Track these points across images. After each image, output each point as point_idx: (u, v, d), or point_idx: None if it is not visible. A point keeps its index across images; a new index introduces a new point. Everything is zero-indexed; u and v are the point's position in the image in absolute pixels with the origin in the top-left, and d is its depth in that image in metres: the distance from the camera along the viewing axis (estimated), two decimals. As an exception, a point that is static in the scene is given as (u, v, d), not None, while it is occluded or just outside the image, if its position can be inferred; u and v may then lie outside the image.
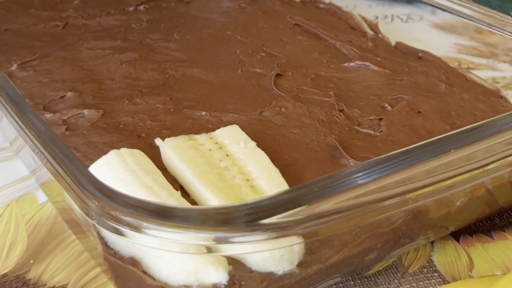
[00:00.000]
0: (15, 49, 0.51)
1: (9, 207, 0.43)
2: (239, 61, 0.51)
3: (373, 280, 0.39)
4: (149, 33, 0.54)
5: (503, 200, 0.42)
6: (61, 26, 0.55)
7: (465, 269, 0.40)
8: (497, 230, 0.43)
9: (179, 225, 0.27)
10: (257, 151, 0.38)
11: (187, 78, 0.48)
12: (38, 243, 0.40)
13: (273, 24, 0.57)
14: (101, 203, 0.28)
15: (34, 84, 0.47)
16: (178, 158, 0.36)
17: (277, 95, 0.46)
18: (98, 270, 0.39)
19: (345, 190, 0.30)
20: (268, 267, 0.32)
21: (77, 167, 0.30)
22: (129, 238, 0.29)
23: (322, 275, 0.35)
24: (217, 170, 0.35)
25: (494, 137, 0.33)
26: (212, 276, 0.31)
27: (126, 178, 0.33)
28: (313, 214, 0.29)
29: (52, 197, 0.42)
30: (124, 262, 0.32)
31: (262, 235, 0.28)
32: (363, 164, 0.31)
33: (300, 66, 0.50)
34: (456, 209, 0.37)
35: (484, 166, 0.33)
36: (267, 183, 0.35)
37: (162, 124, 0.43)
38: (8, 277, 0.38)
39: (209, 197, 0.34)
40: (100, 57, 0.50)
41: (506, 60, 0.51)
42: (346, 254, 0.34)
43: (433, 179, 0.32)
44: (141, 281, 0.32)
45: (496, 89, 0.50)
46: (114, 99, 0.45)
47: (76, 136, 0.41)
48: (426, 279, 0.39)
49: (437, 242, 0.42)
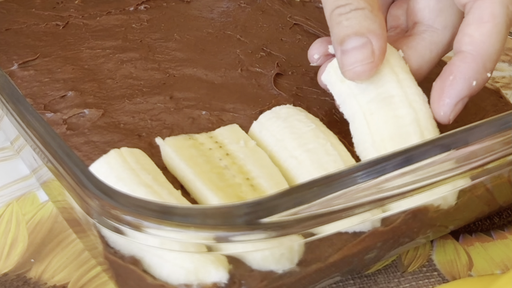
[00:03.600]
0: (16, 49, 0.51)
1: (10, 206, 0.43)
2: (239, 61, 0.51)
3: (373, 279, 0.39)
4: (150, 32, 0.54)
5: (502, 199, 0.42)
6: (61, 26, 0.55)
7: (465, 268, 0.40)
8: (497, 229, 0.43)
9: (179, 224, 0.28)
10: (257, 150, 0.38)
11: (187, 77, 0.48)
12: (39, 242, 0.40)
13: (273, 24, 0.57)
14: (101, 202, 0.28)
15: (34, 84, 0.47)
16: (178, 157, 0.36)
17: (277, 95, 0.46)
18: (99, 269, 0.39)
19: (345, 189, 0.30)
20: (268, 266, 0.32)
21: (77, 166, 0.30)
22: (130, 237, 0.29)
23: (322, 274, 0.35)
24: (217, 169, 0.36)
25: (494, 136, 0.33)
26: (212, 275, 0.31)
27: (126, 177, 0.33)
28: (313, 213, 0.29)
29: (53, 196, 0.42)
30: (124, 261, 0.32)
31: (262, 234, 0.28)
32: (363, 163, 0.31)
33: (299, 66, 0.51)
34: (455, 208, 0.37)
35: (484, 165, 0.33)
36: (267, 182, 0.35)
37: (163, 124, 0.43)
38: (9, 276, 0.38)
39: (209, 196, 0.34)
40: (100, 57, 0.50)
41: (505, 59, 0.51)
42: (345, 253, 0.34)
43: (433, 179, 0.32)
44: (141, 280, 0.32)
45: (496, 88, 0.50)
46: (115, 98, 0.45)
47: (76, 136, 0.41)
48: (426, 278, 0.39)
49: (437, 241, 0.42)
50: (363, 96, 0.38)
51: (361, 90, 0.38)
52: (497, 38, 0.37)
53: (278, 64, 0.50)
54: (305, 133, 0.37)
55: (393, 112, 0.37)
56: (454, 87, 0.38)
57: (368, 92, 0.38)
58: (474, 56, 0.37)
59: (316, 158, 0.36)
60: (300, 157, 0.36)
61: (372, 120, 0.37)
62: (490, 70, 0.38)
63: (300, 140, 0.37)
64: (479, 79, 0.38)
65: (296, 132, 0.37)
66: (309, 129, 0.37)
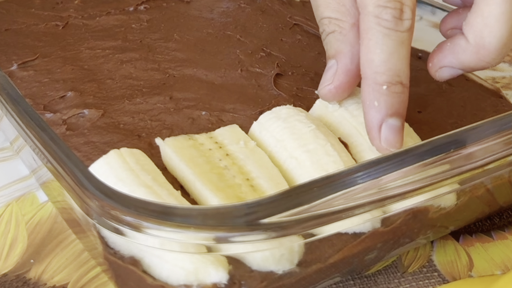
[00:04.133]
0: (16, 49, 0.51)
1: (9, 206, 0.43)
2: (239, 61, 0.51)
3: (373, 280, 0.39)
4: (149, 33, 0.54)
5: (502, 199, 0.42)
6: (61, 26, 0.55)
7: (465, 268, 0.40)
8: (497, 229, 0.43)
9: (179, 225, 0.27)
10: (257, 150, 0.38)
11: (187, 77, 0.48)
12: (38, 243, 0.40)
13: (272, 24, 0.57)
14: (101, 203, 0.28)
15: (34, 84, 0.47)
16: (178, 157, 0.36)
17: (277, 95, 0.46)
18: (98, 269, 0.39)
19: (345, 189, 0.30)
20: (268, 267, 0.32)
21: (77, 166, 0.30)
22: (129, 237, 0.29)
23: (322, 274, 0.35)
24: (217, 169, 0.35)
25: (494, 136, 0.33)
26: (212, 276, 0.31)
27: (126, 177, 0.33)
28: (313, 213, 0.29)
29: (52, 196, 0.42)
30: (124, 261, 0.32)
31: (262, 235, 0.28)
32: (363, 163, 0.31)
33: (299, 66, 0.51)
34: (455, 209, 0.37)
35: (484, 165, 0.33)
36: (267, 183, 0.35)
37: (162, 124, 0.43)
38: (8, 276, 0.38)
39: (209, 196, 0.34)
40: (100, 57, 0.50)
41: (506, 60, 0.51)
42: (346, 253, 0.34)
43: (433, 179, 0.32)
44: (141, 280, 0.32)
45: (496, 89, 0.50)
46: (114, 99, 0.45)
47: (76, 136, 0.41)
48: (426, 279, 0.39)
49: (437, 241, 0.42)
50: (356, 119, 0.39)
51: (354, 116, 0.39)
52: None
53: (278, 64, 0.50)
54: (305, 133, 0.37)
55: None
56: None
57: (361, 116, 0.38)
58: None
59: (316, 159, 0.36)
60: (300, 157, 0.36)
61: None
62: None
63: (300, 140, 0.37)
64: None
65: (296, 132, 0.37)
66: (309, 129, 0.37)
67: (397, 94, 0.35)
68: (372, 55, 0.35)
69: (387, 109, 0.35)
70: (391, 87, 0.35)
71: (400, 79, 0.35)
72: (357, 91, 0.42)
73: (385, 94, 0.35)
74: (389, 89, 0.35)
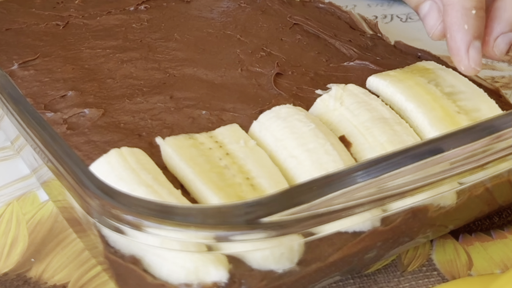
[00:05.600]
0: (16, 49, 0.51)
1: (10, 206, 0.43)
2: (239, 61, 0.51)
3: (373, 279, 0.39)
4: (150, 32, 0.54)
5: (502, 199, 0.42)
6: (62, 26, 0.55)
7: (464, 267, 0.40)
8: (496, 228, 0.43)
9: (179, 224, 0.28)
10: (257, 149, 0.38)
11: (188, 77, 0.48)
12: (39, 242, 0.41)
13: (272, 24, 0.57)
14: (102, 202, 0.29)
15: (35, 84, 0.47)
16: (178, 157, 0.36)
17: (277, 94, 0.46)
18: (99, 268, 0.39)
19: (345, 188, 0.30)
20: (268, 265, 0.32)
21: (78, 166, 0.30)
22: (130, 236, 0.29)
23: (322, 273, 0.35)
24: (217, 168, 0.36)
25: (493, 136, 0.33)
26: (212, 275, 0.31)
27: (126, 177, 0.33)
28: (312, 212, 0.29)
29: (53, 196, 0.42)
30: (124, 260, 0.32)
31: (262, 234, 0.28)
32: (363, 162, 0.32)
33: (299, 65, 0.51)
34: (455, 208, 0.37)
35: (484, 165, 0.33)
36: (267, 182, 0.35)
37: (163, 123, 0.43)
38: (9, 275, 0.38)
39: (209, 195, 0.34)
40: (101, 57, 0.50)
41: (505, 59, 0.51)
42: (345, 252, 0.34)
43: (432, 179, 0.32)
44: (141, 279, 0.32)
45: (495, 88, 0.50)
46: (115, 98, 0.45)
47: (77, 135, 0.41)
48: (425, 278, 0.39)
49: (436, 240, 0.42)
50: (357, 118, 0.39)
51: (354, 115, 0.39)
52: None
53: (278, 64, 0.50)
54: (305, 132, 0.37)
55: (389, 127, 0.38)
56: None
57: (362, 115, 0.39)
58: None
59: (316, 158, 0.36)
60: (300, 156, 0.36)
61: (368, 133, 0.38)
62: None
63: (300, 139, 0.37)
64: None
65: (296, 131, 0.38)
66: (309, 128, 0.38)
67: (481, 18, 0.39)
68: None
69: (474, 32, 0.39)
70: (478, 11, 0.39)
71: (483, 5, 0.39)
72: (356, 89, 0.42)
73: (473, 18, 0.39)
74: (477, 14, 0.39)
